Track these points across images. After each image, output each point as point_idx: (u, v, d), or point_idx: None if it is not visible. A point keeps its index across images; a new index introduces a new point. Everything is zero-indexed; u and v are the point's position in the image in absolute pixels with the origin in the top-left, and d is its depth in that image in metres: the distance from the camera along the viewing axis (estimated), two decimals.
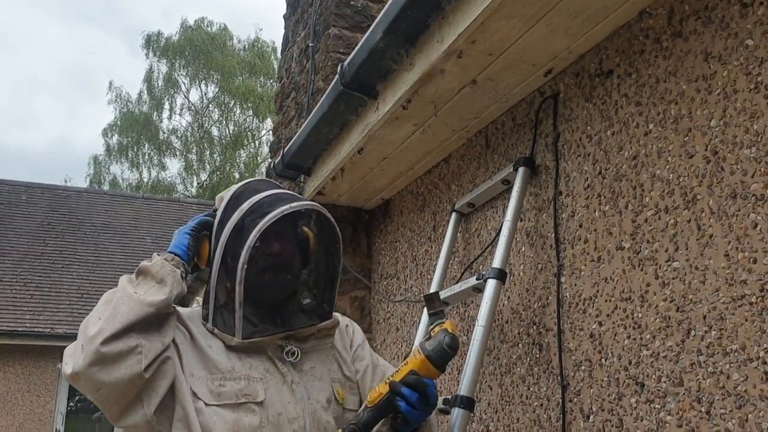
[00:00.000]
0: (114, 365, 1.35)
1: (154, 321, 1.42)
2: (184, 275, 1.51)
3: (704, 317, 1.49)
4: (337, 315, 1.67)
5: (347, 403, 1.60)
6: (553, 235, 2.01)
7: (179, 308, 1.54)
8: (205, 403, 1.44)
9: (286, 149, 3.22)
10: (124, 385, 1.37)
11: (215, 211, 1.63)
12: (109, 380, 1.35)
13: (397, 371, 1.52)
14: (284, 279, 1.58)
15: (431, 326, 1.57)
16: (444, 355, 1.48)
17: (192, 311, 1.61)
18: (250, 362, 1.52)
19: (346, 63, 2.42)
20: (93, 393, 1.39)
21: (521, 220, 2.17)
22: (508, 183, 2.22)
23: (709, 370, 1.46)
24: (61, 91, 46.07)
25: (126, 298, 1.42)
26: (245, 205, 1.54)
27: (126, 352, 1.36)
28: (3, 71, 46.27)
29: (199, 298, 1.66)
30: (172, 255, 1.52)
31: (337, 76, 2.48)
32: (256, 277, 1.52)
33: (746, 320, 1.39)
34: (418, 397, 1.45)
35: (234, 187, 1.64)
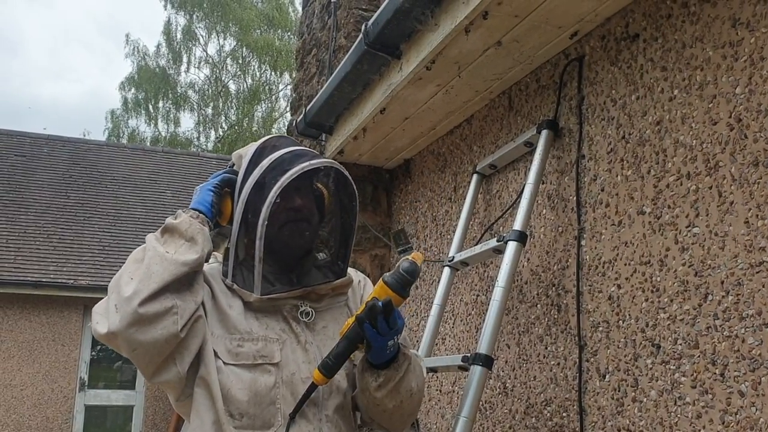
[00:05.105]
0: (151, 326, 1.36)
1: (185, 280, 1.43)
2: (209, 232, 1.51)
3: (722, 282, 1.52)
4: (351, 271, 1.68)
5: (357, 359, 1.59)
6: (574, 198, 2.03)
7: None
8: (224, 362, 1.47)
9: (308, 108, 3.23)
10: (160, 345, 1.39)
11: (233, 167, 1.63)
12: (146, 340, 1.37)
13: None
14: (304, 233, 1.59)
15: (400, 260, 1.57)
16: (400, 279, 1.46)
17: (212, 268, 1.61)
18: (267, 322, 1.54)
19: (370, 23, 2.42)
20: (129, 352, 1.39)
21: (543, 183, 2.19)
22: (530, 145, 2.23)
23: (724, 333, 1.50)
24: (96, 44, 45.88)
25: (158, 257, 1.41)
26: (265, 162, 1.55)
27: (162, 313, 1.38)
28: (39, 24, 46.14)
29: (218, 254, 1.66)
30: (197, 212, 1.51)
31: (360, 35, 2.48)
32: (277, 231, 1.53)
33: (763, 286, 1.41)
34: (380, 319, 1.42)
35: (254, 144, 1.64)
